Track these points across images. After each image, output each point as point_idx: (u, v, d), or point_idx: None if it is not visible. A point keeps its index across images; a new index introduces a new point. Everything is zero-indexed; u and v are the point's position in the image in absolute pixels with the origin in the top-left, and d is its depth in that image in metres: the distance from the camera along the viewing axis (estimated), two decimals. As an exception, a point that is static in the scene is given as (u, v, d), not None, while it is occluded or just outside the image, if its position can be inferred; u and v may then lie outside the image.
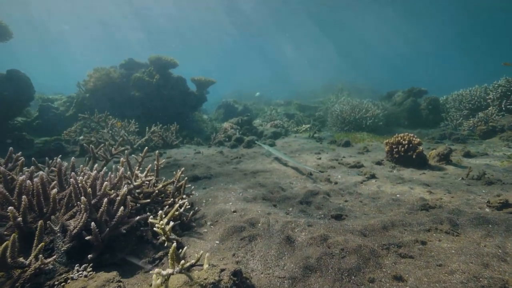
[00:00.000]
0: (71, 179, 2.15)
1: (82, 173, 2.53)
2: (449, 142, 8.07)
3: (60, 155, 4.09)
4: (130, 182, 2.58)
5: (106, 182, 2.19)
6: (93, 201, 2.20)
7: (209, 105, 19.14)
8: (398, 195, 3.74)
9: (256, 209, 3.17)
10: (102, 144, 4.00)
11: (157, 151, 2.90)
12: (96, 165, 2.41)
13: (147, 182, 2.65)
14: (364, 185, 4.30)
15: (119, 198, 2.19)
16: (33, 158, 3.75)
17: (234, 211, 3.06)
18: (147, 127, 8.10)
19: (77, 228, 1.98)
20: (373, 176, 4.66)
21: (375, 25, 39.10)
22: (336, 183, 4.43)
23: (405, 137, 5.30)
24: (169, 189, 3.02)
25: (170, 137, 8.39)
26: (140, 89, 10.35)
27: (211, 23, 35.45)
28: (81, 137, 8.06)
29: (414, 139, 5.23)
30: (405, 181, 4.39)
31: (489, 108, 8.79)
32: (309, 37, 44.47)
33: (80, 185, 2.08)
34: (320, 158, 6.25)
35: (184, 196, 2.90)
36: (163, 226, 1.91)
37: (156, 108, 10.38)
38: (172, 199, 2.70)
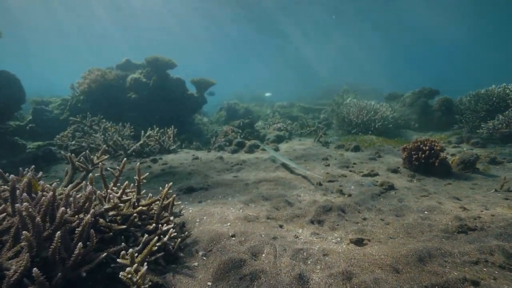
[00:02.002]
0: (16, 204, 1.64)
1: (41, 192, 2.02)
2: (468, 146, 7.46)
3: (33, 165, 3.60)
4: (101, 203, 2.06)
5: (62, 208, 1.68)
6: (45, 233, 1.68)
7: (211, 107, 18.67)
8: (426, 212, 3.18)
9: (259, 231, 2.64)
10: (83, 153, 3.50)
11: (138, 163, 2.39)
12: (53, 184, 1.90)
13: (121, 205, 2.13)
14: (383, 198, 3.74)
15: (79, 229, 1.67)
16: (0, 170, 3.25)
17: (232, 235, 2.53)
18: (142, 131, 7.61)
19: (17, 273, 1.47)
20: (391, 187, 4.10)
21: (377, 24, 38.42)
22: (350, 195, 3.87)
23: (425, 142, 4.73)
24: (154, 208, 2.50)
25: (167, 141, 7.88)
26: (137, 91, 9.90)
27: (212, 19, 34.91)
28: (73, 142, 7.60)
29: (436, 144, 4.66)
30: (430, 194, 3.82)
31: (509, 109, 8.16)
32: (311, 36, 43.93)
33: (25, 213, 1.57)
34: (328, 165, 5.70)
35: (172, 218, 2.38)
36: (130, 276, 1.39)
37: (154, 111, 9.91)
38: (154, 224, 2.17)
